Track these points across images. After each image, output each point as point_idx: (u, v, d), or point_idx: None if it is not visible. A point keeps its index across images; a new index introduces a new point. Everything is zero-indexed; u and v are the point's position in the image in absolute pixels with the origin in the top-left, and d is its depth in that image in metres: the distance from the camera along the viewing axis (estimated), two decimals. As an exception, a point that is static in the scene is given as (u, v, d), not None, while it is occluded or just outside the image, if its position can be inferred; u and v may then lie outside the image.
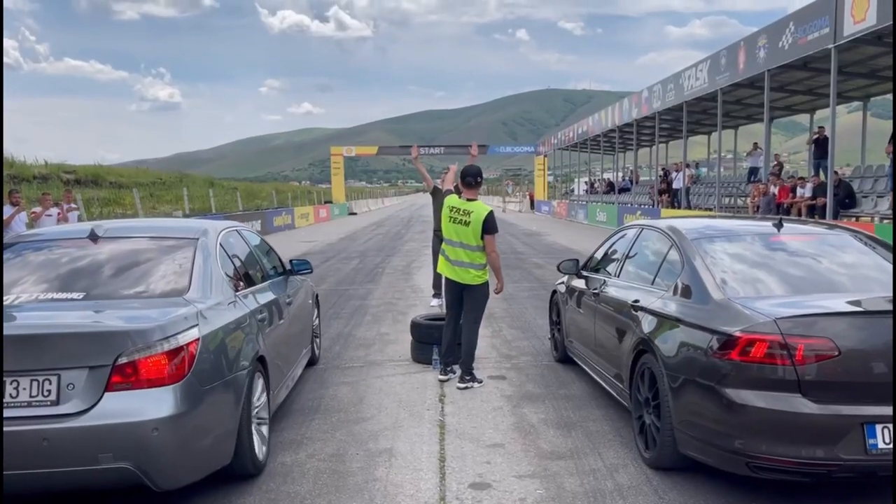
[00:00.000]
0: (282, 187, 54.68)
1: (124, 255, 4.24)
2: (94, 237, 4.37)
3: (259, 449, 4.11)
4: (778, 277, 4.09)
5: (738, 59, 17.73)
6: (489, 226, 5.86)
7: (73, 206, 12.59)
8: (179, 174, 51.23)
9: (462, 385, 5.85)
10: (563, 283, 6.91)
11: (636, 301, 4.65)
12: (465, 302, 6.09)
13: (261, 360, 4.28)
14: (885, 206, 14.37)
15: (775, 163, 19.61)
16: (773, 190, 17.22)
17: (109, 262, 4.15)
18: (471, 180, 6.06)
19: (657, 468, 4.11)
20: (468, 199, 6.04)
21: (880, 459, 3.26)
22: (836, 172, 15.20)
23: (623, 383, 4.76)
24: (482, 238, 5.87)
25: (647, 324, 4.38)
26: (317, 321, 6.91)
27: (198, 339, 3.53)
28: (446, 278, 6.19)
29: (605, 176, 40.06)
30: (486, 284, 6.08)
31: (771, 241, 4.52)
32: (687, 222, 5.16)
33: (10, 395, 3.18)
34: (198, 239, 4.40)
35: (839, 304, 3.67)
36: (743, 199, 21.07)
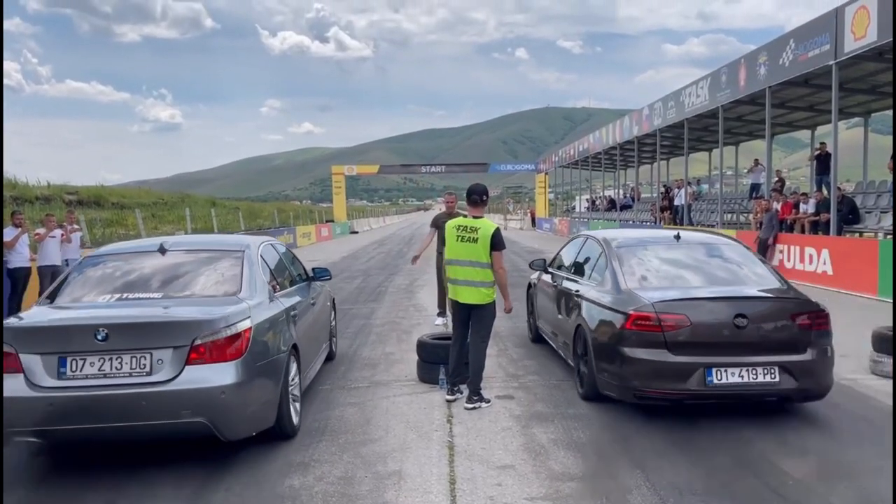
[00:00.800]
0: (283, 207, 54.71)
1: (188, 264, 5.31)
2: (162, 251, 5.42)
3: (294, 417, 5.17)
4: (664, 274, 5.97)
5: (738, 76, 17.80)
6: (497, 242, 5.84)
7: (75, 227, 12.56)
8: (181, 194, 51.31)
9: (470, 405, 5.79)
10: (535, 278, 8.77)
11: (577, 291, 6.47)
12: (472, 322, 6.02)
13: (294, 347, 5.32)
14: (888, 221, 14.36)
15: (777, 179, 19.62)
16: (776, 206, 17.21)
17: (177, 269, 5.24)
18: (476, 198, 6.04)
19: (586, 399, 5.92)
20: (474, 217, 5.99)
21: (714, 390, 5.14)
22: (839, 188, 15.20)
23: (568, 348, 6.57)
24: (490, 255, 5.83)
25: (584, 306, 6.15)
26: (334, 322, 7.93)
27: (250, 328, 4.59)
28: (454, 301, 6.12)
29: (607, 193, 40.14)
30: (493, 304, 6.04)
31: (669, 248, 6.37)
32: (615, 233, 7.16)
33: (116, 368, 4.28)
34: (243, 251, 5.48)
35: (695, 292, 5.52)
36: (745, 215, 21.04)
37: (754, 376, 5.15)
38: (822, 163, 18.16)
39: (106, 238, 20.00)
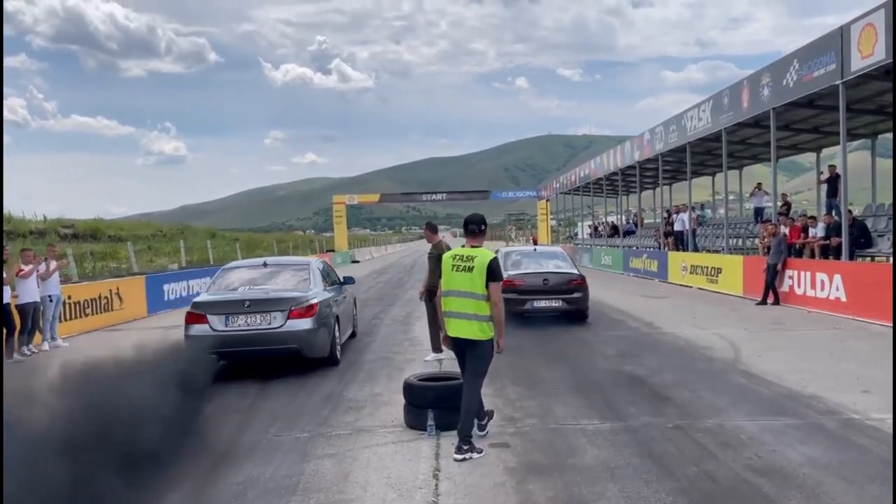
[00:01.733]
0: (284, 237, 54.38)
1: (281, 271, 9.52)
2: (265, 265, 9.67)
3: (337, 355, 9.22)
4: (521, 266, 12.90)
5: (741, 98, 17.40)
6: (494, 272, 5.47)
7: (53, 262, 12.07)
8: (182, 226, 51.03)
9: (459, 456, 5.22)
10: None
11: None
12: (466, 359, 5.60)
13: (336, 317, 9.31)
14: (902, 245, 13.83)
15: (783, 203, 19.10)
16: (784, 230, 16.70)
17: (275, 274, 9.39)
18: (474, 228, 5.73)
19: None
20: (472, 247, 5.67)
21: (534, 311, 12.31)
22: (849, 211, 14.70)
23: None
24: (487, 286, 5.43)
25: None
26: (356, 312, 12.20)
27: (317, 303, 8.64)
28: (450, 336, 5.65)
29: (609, 219, 39.69)
30: (491, 341, 5.56)
31: (530, 254, 13.94)
32: (510, 248, 16.24)
33: (253, 321, 8.24)
34: (308, 264, 9.87)
35: (524, 271, 12.58)
36: (751, 239, 20.51)
37: (550, 304, 12.26)
38: (832, 185, 17.65)
39: (97, 272, 19.51)
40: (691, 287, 20.28)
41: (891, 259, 13.84)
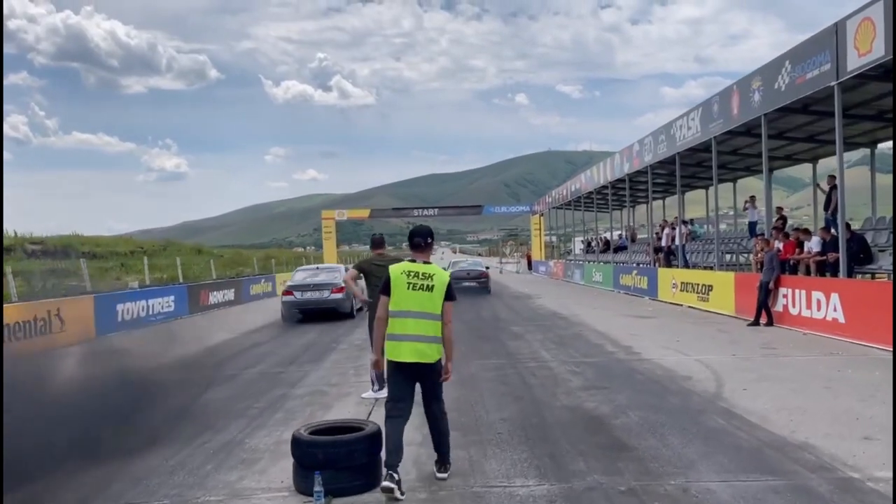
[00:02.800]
0: (272, 253, 53.17)
1: (325, 270, 19.74)
2: (317, 268, 20.68)
3: (354, 313, 17.97)
4: (457, 266, 29.54)
5: (731, 104, 16.30)
6: (452, 292, 5.20)
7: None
8: (166, 242, 49.92)
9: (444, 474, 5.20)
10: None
11: None
12: (425, 385, 5.16)
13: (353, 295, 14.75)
14: (905, 261, 12.66)
15: (778, 216, 17.90)
16: (778, 245, 15.54)
17: (322, 271, 19.57)
18: (419, 241, 5.34)
19: None
20: (423, 262, 5.24)
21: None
22: (847, 225, 13.54)
23: None
24: (443, 306, 5.14)
25: None
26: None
27: (344, 286, 16.87)
28: (398, 362, 5.04)
29: (603, 235, 38.49)
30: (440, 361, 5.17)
31: (464, 262, 33.48)
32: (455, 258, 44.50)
33: (316, 294, 17.97)
34: (339, 267, 20.44)
35: (455, 269, 27.86)
36: (746, 255, 19.34)
37: (470, 284, 26.22)
38: (831, 198, 16.46)
39: (47, 290, 18.40)
40: (681, 305, 19.10)
41: (892, 276, 12.66)
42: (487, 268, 29.32)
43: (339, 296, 17.44)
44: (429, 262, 5.28)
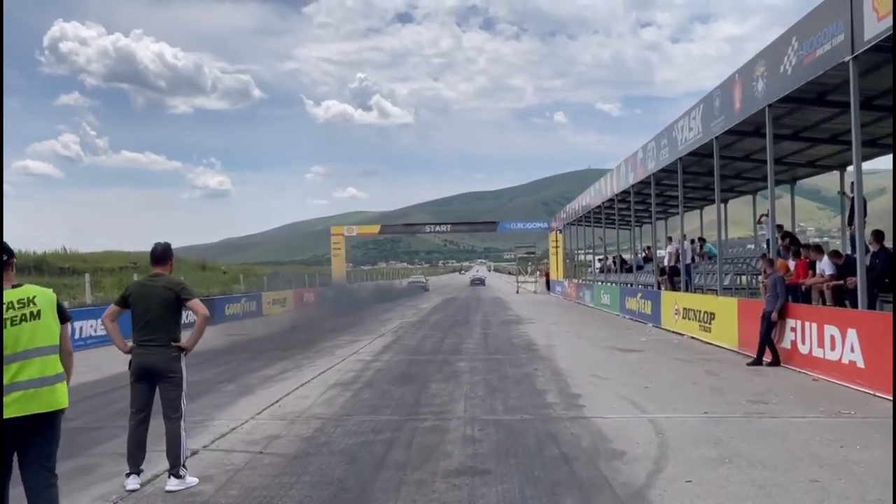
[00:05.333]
0: (281, 269, 51.28)
1: (423, 277, 73.72)
2: (422, 275, 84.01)
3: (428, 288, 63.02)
4: (473, 273, 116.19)
5: (733, 96, 13.61)
6: (64, 310, 4.05)
7: None
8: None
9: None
10: None
11: None
12: (32, 450, 3.83)
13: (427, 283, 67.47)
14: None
15: (782, 233, 14.88)
16: (792, 265, 12.80)
17: (423, 276, 76.81)
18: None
19: None
20: (14, 286, 3.86)
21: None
22: (880, 235, 10.74)
23: None
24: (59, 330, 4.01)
25: None
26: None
27: (428, 280, 74.67)
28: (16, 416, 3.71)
29: (623, 254, 35.55)
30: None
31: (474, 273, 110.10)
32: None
33: (420, 283, 61.73)
34: (426, 278, 74.86)
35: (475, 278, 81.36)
36: (757, 277, 16.48)
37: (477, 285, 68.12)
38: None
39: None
40: (683, 336, 16.33)
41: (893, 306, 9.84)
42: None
43: (428, 286, 39.53)
44: (20, 285, 3.91)
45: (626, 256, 33.04)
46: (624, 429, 7.14)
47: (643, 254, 31.39)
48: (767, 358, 11.36)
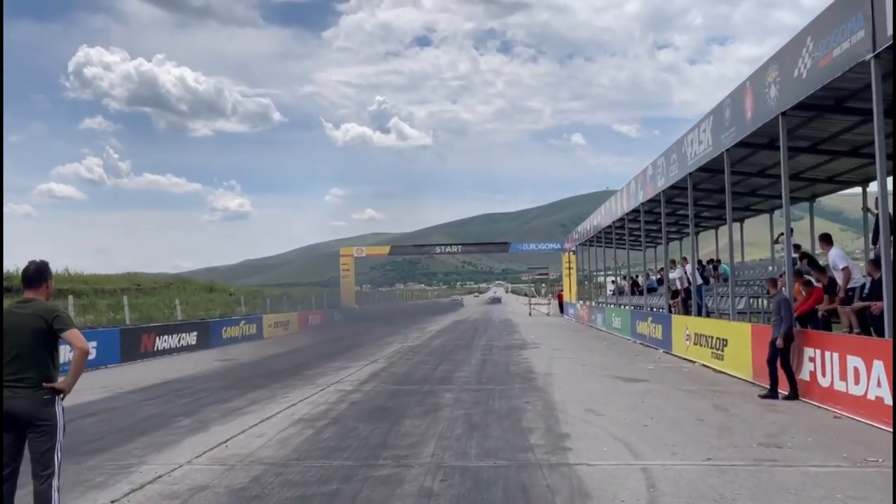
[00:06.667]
0: (290, 292, 50.53)
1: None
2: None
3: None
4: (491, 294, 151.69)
5: (744, 105, 12.61)
6: None
7: None
8: (174, 277, 47.85)
9: None
10: None
11: None
12: None
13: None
14: None
15: (799, 253, 13.69)
16: (813, 282, 11.73)
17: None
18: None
19: None
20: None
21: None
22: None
23: None
24: None
25: None
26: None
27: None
28: None
29: (638, 275, 34.36)
30: None
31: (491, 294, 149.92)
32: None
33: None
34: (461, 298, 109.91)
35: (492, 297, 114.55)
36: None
37: (494, 303, 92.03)
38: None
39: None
40: (694, 363, 15.21)
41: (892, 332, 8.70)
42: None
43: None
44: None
45: (641, 279, 31.87)
46: (610, 480, 6.10)
47: (656, 276, 30.25)
48: (784, 390, 10.26)
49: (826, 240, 11.84)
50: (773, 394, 10.34)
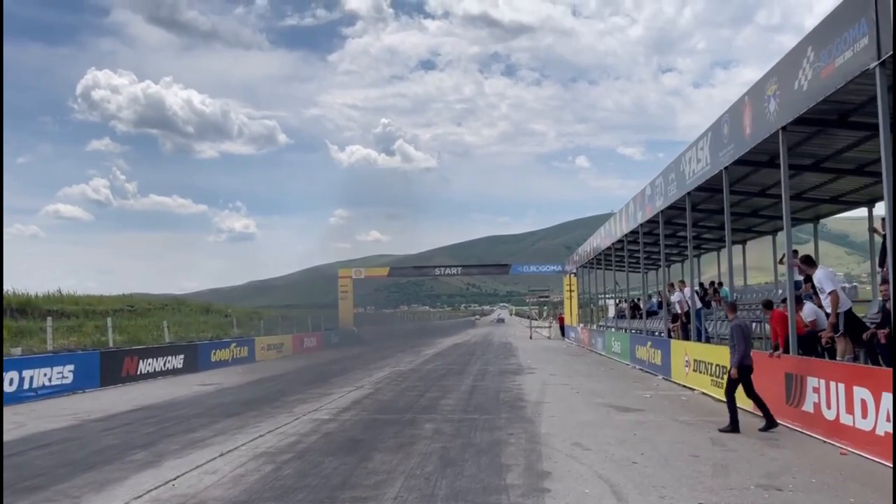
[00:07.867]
0: (286, 314, 49.86)
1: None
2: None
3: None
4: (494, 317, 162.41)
5: (742, 121, 12.03)
6: None
7: None
8: (173, 298, 47.27)
9: None
10: None
11: None
12: None
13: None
14: None
15: (802, 276, 12.97)
16: (792, 307, 11.05)
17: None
18: None
19: None
20: None
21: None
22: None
23: None
24: None
25: None
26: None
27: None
28: None
29: (637, 298, 33.67)
30: None
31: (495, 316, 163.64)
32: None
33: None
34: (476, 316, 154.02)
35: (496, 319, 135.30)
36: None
37: (499, 324, 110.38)
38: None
39: None
40: (693, 391, 14.53)
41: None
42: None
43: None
44: None
45: (642, 302, 31.15)
46: (588, 530, 5.43)
47: (657, 299, 29.51)
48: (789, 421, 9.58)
49: (808, 262, 11.19)
50: (770, 425, 9.69)
